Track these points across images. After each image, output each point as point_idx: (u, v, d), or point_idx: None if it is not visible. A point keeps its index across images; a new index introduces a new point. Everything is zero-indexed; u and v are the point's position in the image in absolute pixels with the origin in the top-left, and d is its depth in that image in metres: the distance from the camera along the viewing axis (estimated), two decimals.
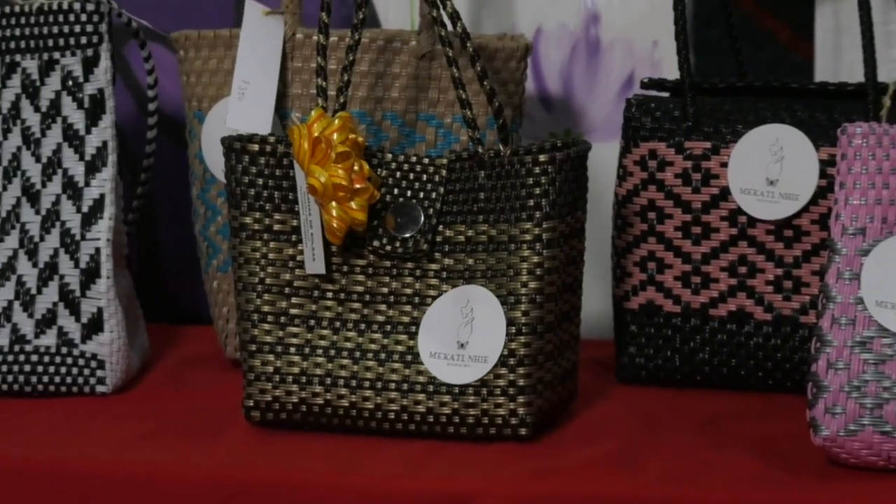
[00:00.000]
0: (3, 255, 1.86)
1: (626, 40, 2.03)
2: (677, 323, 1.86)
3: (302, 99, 1.83)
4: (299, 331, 1.71)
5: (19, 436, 1.73)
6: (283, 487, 1.57)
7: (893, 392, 1.55)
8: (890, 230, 1.58)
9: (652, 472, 1.58)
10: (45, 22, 1.84)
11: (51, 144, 1.85)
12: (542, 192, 1.65)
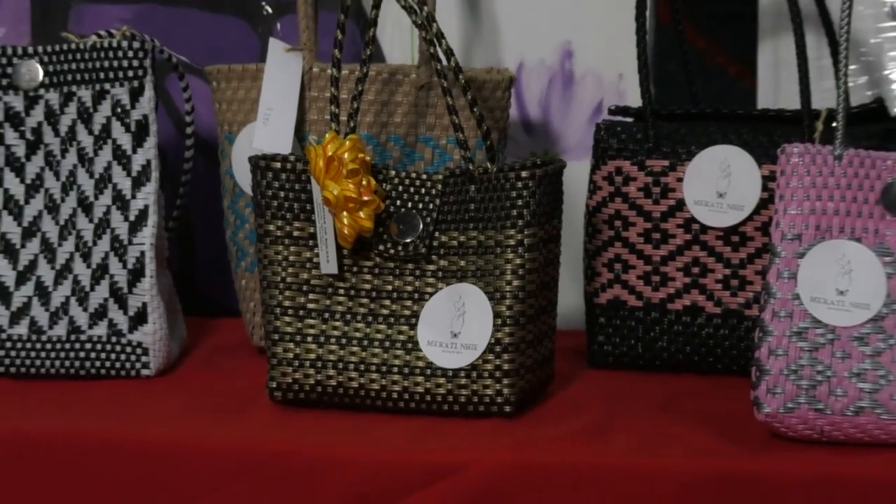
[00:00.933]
0: (62, 258, 1.84)
1: (595, 73, 2.01)
2: (640, 316, 1.85)
3: (318, 124, 1.81)
4: (315, 323, 1.70)
5: (76, 413, 1.71)
6: (301, 457, 1.57)
7: (826, 375, 1.55)
8: (822, 236, 1.58)
9: (618, 443, 1.59)
10: (98, 57, 1.83)
11: (102, 163, 1.84)
12: (523, 203, 1.65)
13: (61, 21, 2.11)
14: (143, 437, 1.62)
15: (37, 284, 1.84)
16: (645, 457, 1.54)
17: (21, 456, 1.61)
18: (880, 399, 1.53)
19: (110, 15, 2.10)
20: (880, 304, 1.55)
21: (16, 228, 1.86)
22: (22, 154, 1.86)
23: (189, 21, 2.10)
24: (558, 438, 1.60)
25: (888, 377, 1.54)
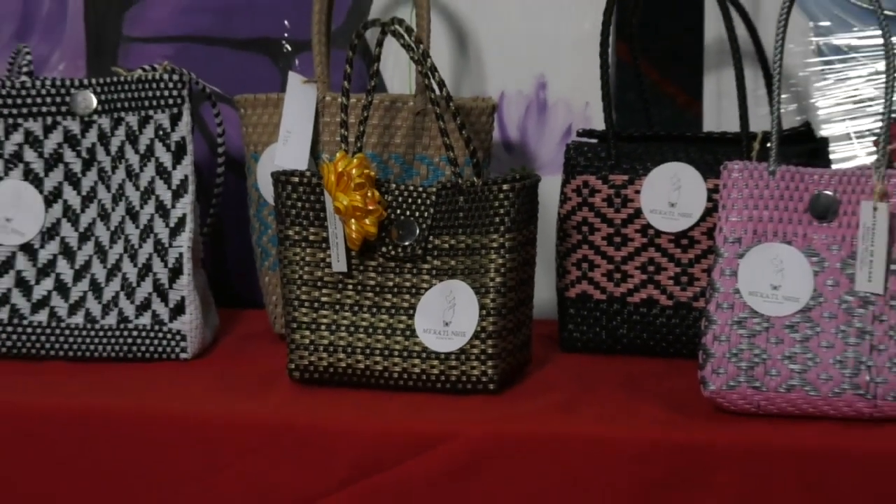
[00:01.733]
0: (112, 258, 1.84)
1: (565, 102, 2.01)
2: (603, 307, 1.84)
3: (330, 144, 1.81)
4: (328, 314, 1.69)
5: (123, 391, 1.71)
6: (316, 428, 1.57)
7: (762, 358, 1.55)
8: (759, 239, 1.58)
9: (586, 415, 1.59)
10: (143, 88, 1.83)
11: (147, 177, 1.83)
12: (504, 211, 1.65)
13: (112, 57, 2.11)
14: (180, 412, 1.62)
15: (91, 281, 1.84)
16: (608, 427, 1.54)
17: (77, 426, 1.61)
18: (808, 378, 1.53)
19: (153, 52, 2.10)
20: (808, 298, 1.55)
21: (73, 233, 1.85)
22: (78, 170, 1.86)
23: (220, 57, 2.09)
24: (534, 412, 1.60)
25: (815, 360, 1.54)
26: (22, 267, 1.85)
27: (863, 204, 1.55)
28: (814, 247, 1.57)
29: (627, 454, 1.50)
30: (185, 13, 2.10)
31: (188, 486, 1.58)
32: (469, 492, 1.52)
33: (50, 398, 1.67)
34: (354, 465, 1.54)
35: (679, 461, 1.49)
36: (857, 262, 1.55)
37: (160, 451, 1.59)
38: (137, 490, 1.59)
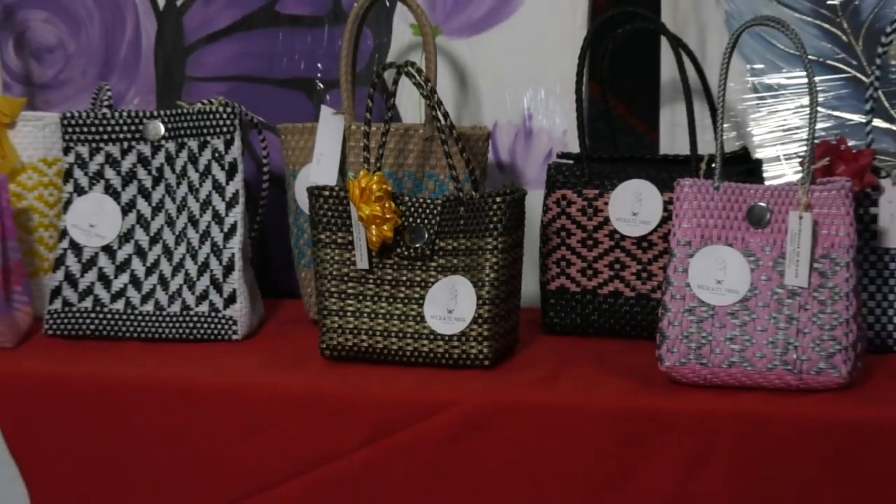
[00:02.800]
0: (177, 258, 1.84)
1: (547, 130, 2.01)
2: (578, 298, 1.83)
3: (354, 164, 1.81)
4: (353, 303, 1.69)
5: (186, 366, 1.71)
6: (343, 396, 1.58)
7: (708, 339, 1.55)
8: (706, 242, 1.58)
9: (564, 386, 1.59)
10: (202, 118, 1.83)
11: (205, 192, 1.83)
12: (497, 219, 1.65)
13: (177, 93, 2.11)
14: (231, 384, 1.62)
15: (159, 276, 1.83)
16: (582, 396, 1.54)
17: (149, 393, 1.61)
18: (746, 356, 1.53)
19: (210, 89, 2.10)
20: (746, 290, 1.55)
21: (145, 237, 1.85)
22: (149, 186, 1.85)
23: (265, 93, 2.09)
24: (522, 384, 1.59)
25: (752, 341, 1.54)
26: (103, 264, 1.84)
27: (791, 214, 1.56)
28: (751, 248, 1.57)
29: (597, 418, 1.50)
30: (235, 58, 2.10)
31: (238, 443, 1.58)
32: (468, 449, 1.52)
33: (127, 371, 1.67)
34: (374, 427, 1.54)
35: (640, 424, 1.49)
36: (786, 261, 1.55)
37: (215, 414, 1.59)
38: (197, 445, 1.59)
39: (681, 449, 1.48)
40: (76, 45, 2.15)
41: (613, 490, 1.49)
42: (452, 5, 2.02)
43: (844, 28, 1.92)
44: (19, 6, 2.14)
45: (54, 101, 2.15)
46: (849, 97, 1.91)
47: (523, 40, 1.99)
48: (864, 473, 1.45)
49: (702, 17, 1.96)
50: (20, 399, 1.64)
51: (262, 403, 1.58)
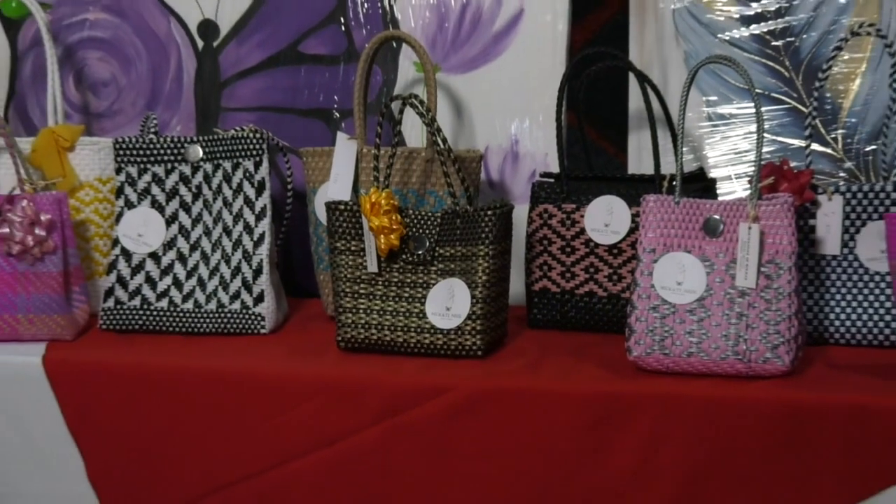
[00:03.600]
0: (213, 263, 1.83)
1: (531, 153, 2.00)
2: (558, 297, 1.83)
3: (366, 183, 1.81)
4: (364, 302, 1.69)
5: (221, 356, 1.70)
6: (355, 382, 1.57)
7: (669, 333, 1.55)
8: (668, 249, 1.58)
9: (546, 373, 1.58)
10: (235, 143, 1.83)
11: (237, 206, 1.83)
12: (488, 230, 1.64)
13: (214, 121, 2.11)
14: (260, 370, 1.62)
15: (198, 279, 1.83)
16: (561, 382, 1.54)
17: (189, 379, 1.61)
18: (703, 347, 1.53)
19: (242, 118, 2.10)
20: (702, 290, 1.55)
21: (185, 245, 1.84)
22: (189, 201, 1.85)
23: (289, 121, 2.09)
24: (510, 371, 1.59)
25: (707, 334, 1.54)
26: (149, 269, 1.84)
27: (741, 225, 1.56)
28: (706, 255, 1.57)
29: (574, 400, 1.50)
30: (263, 91, 2.10)
31: (266, 422, 1.58)
32: (464, 427, 1.52)
33: (170, 360, 1.67)
34: (382, 408, 1.54)
35: (610, 406, 1.49)
36: (737, 266, 1.55)
37: (245, 397, 1.59)
38: (230, 423, 1.59)
39: (646, 427, 1.48)
40: (127, 81, 2.15)
41: (588, 462, 1.49)
42: (450, 46, 2.02)
43: (786, 66, 1.92)
44: (78, 46, 2.14)
45: (108, 128, 2.15)
46: (790, 125, 1.91)
47: (511, 76, 1.99)
48: (803, 448, 1.45)
49: (664, 56, 1.96)
50: (78, 384, 1.64)
51: (286, 388, 1.58)
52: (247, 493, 1.58)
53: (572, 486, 1.50)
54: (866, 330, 1.69)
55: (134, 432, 1.62)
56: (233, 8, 2.09)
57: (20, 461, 1.64)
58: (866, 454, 1.43)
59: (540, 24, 1.98)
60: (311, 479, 1.56)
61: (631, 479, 1.48)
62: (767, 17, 1.92)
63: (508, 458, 1.51)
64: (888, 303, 1.68)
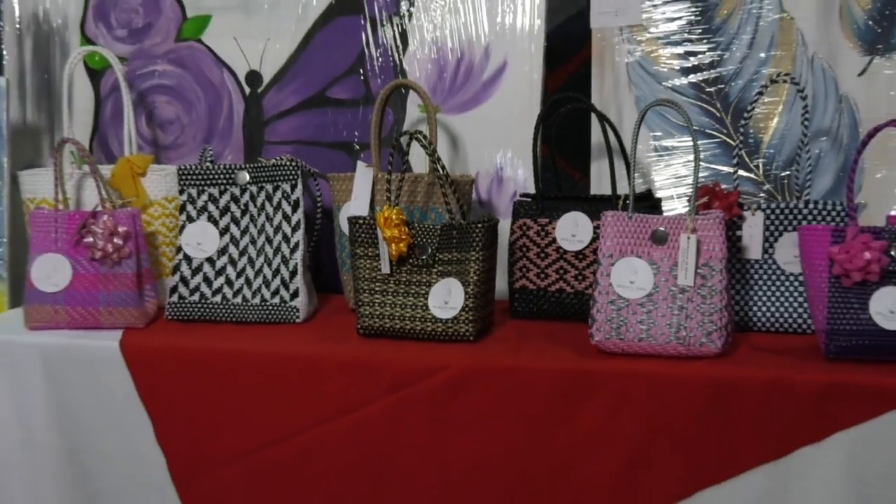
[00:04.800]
0: (258, 265, 1.82)
1: (513, 178, 2.00)
2: (534, 293, 1.82)
3: (380, 201, 1.80)
4: (379, 297, 1.68)
5: (264, 340, 1.69)
6: (371, 360, 1.57)
7: (624, 322, 1.55)
8: (623, 255, 1.58)
9: (524, 354, 1.57)
10: (275, 169, 1.82)
11: (277, 220, 1.82)
12: (479, 239, 1.64)
13: (258, 152, 2.11)
14: (295, 352, 1.61)
15: (245, 279, 1.82)
16: (536, 361, 1.53)
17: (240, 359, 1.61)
18: (651, 334, 1.53)
19: (281, 150, 2.09)
20: (650, 288, 1.55)
21: (235, 251, 1.83)
22: (238, 216, 1.84)
23: (318, 152, 2.09)
24: (495, 353, 1.58)
25: (655, 323, 1.53)
26: (206, 270, 1.83)
27: (682, 235, 1.55)
28: (654, 259, 1.56)
29: (546, 375, 1.50)
30: (298, 128, 2.09)
31: (299, 394, 1.57)
32: (458, 398, 1.52)
33: (222, 344, 1.66)
34: (393, 382, 1.54)
35: (576, 380, 1.49)
36: (679, 268, 1.55)
37: (283, 373, 1.59)
38: (270, 394, 1.59)
39: (604, 398, 1.47)
40: (188, 119, 2.14)
41: (559, 425, 1.49)
42: (448, 92, 2.02)
43: (718, 107, 1.92)
44: (149, 92, 2.14)
45: (173, 157, 2.15)
46: (721, 155, 1.91)
47: (496, 116, 1.99)
48: (731, 415, 1.44)
49: (619, 100, 1.96)
50: (148, 363, 1.63)
51: (316, 366, 1.57)
52: (285, 451, 1.58)
53: (545, 444, 1.50)
54: (783, 320, 1.69)
55: (193, 402, 1.61)
56: (273, 61, 2.09)
57: (102, 427, 1.64)
58: (782, 420, 1.43)
59: (520, 75, 1.98)
60: (336, 439, 1.56)
61: (592, 439, 1.48)
62: (702, 68, 1.92)
63: (494, 423, 1.51)
64: (801, 298, 1.68)
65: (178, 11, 2.13)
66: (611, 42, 1.95)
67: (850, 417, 1.41)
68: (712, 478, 1.45)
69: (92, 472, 1.64)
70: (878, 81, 1.85)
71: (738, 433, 1.44)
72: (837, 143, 1.87)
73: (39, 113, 2.17)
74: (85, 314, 1.72)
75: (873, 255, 1.47)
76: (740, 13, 1.90)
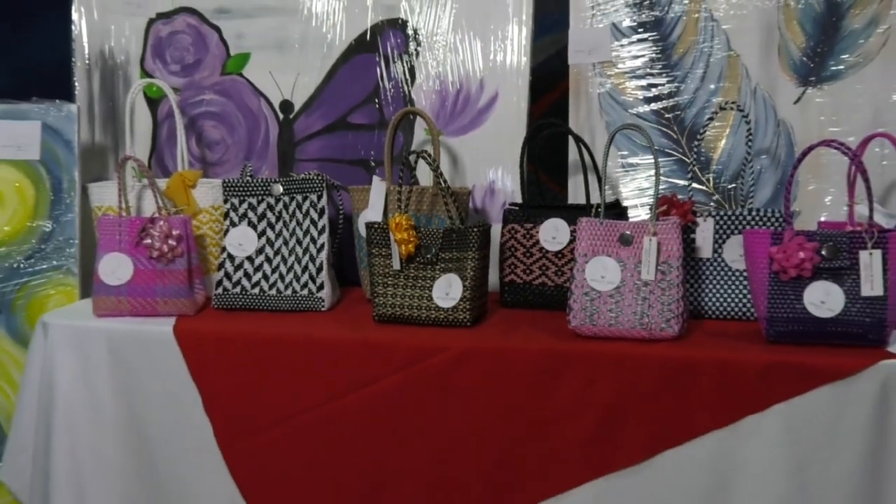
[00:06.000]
0: (289, 262, 1.81)
1: (504, 190, 1.99)
2: (521, 286, 1.80)
3: (392, 209, 1.80)
4: (391, 289, 1.67)
5: (295, 325, 1.68)
6: (386, 342, 1.56)
7: (596, 310, 1.53)
8: (595, 254, 1.57)
9: (513, 337, 1.57)
10: (304, 182, 1.81)
11: (306, 225, 1.81)
12: (474, 241, 1.64)
13: (290, 168, 2.10)
14: (321, 335, 1.60)
15: (279, 274, 1.81)
16: (523, 343, 1.53)
17: (273, 341, 1.60)
18: (619, 320, 1.53)
19: (309, 166, 2.09)
20: (618, 282, 1.55)
21: (271, 251, 1.82)
22: (273, 221, 1.83)
23: (341, 168, 2.08)
24: (489, 336, 1.58)
25: (622, 311, 1.53)
26: (246, 267, 1.82)
27: (644, 238, 1.55)
28: (621, 258, 1.56)
29: (531, 355, 1.50)
30: (323, 148, 2.09)
31: (325, 370, 1.57)
32: (458, 373, 1.51)
33: (261, 328, 1.65)
34: (404, 360, 1.54)
35: (557, 359, 1.49)
36: (642, 265, 1.55)
37: (310, 353, 1.58)
38: (301, 371, 1.58)
39: (581, 373, 1.47)
40: (231, 141, 2.14)
41: (541, 396, 1.49)
42: (449, 118, 2.01)
43: (675, 130, 1.92)
44: (198, 117, 2.14)
45: (219, 172, 2.14)
46: (678, 170, 1.91)
47: (489, 138, 1.99)
48: (686, 389, 1.44)
49: (592, 124, 1.96)
50: (197, 345, 1.63)
51: (338, 347, 1.57)
52: (313, 418, 1.58)
53: (530, 411, 1.50)
54: (730, 309, 1.69)
55: (235, 377, 1.61)
56: (303, 92, 2.09)
57: (157, 399, 1.64)
58: (730, 393, 1.43)
59: (509, 103, 1.98)
60: (355, 409, 1.56)
61: (568, 409, 1.48)
62: (662, 97, 1.92)
63: (487, 394, 1.51)
64: (745, 290, 1.68)
65: (222, 50, 2.13)
66: (585, 76, 1.96)
67: (787, 391, 1.41)
68: (672, 441, 1.45)
69: (149, 437, 1.64)
70: (810, 108, 1.85)
71: (692, 404, 1.44)
72: (776, 161, 1.87)
73: (106, 134, 2.17)
74: (144, 304, 1.72)
75: (806, 254, 1.47)
76: (694, 51, 1.90)
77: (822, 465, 1.40)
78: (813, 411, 1.40)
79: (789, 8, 1.86)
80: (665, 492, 1.45)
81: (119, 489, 1.64)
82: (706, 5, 1.90)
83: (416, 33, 2.02)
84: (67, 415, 1.64)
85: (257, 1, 2.09)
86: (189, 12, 2.13)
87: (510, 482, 1.50)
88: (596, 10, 1.94)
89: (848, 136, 1.81)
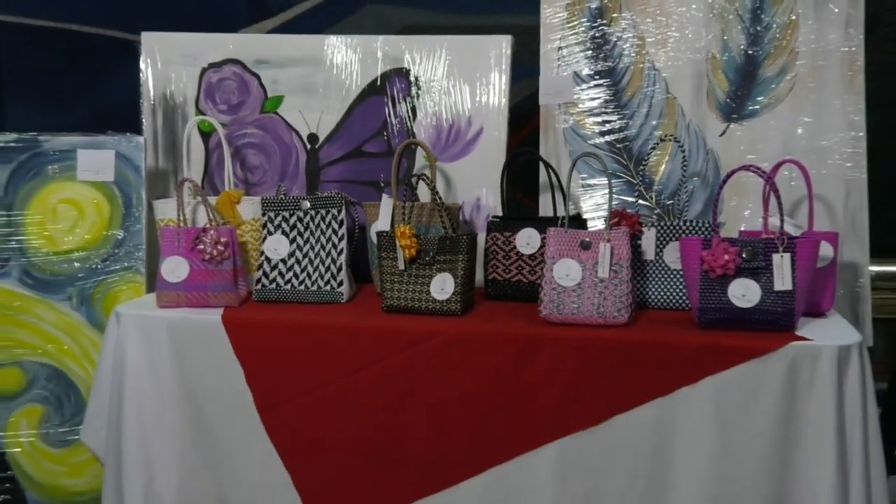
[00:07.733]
0: (315, 263, 1.80)
1: (487, 206, 1.98)
2: (501, 283, 1.79)
3: (397, 221, 1.78)
4: (397, 285, 1.67)
5: (323, 314, 1.67)
6: (393, 328, 1.55)
7: (563, 301, 1.53)
8: (561, 257, 1.56)
9: (495, 324, 1.56)
10: (327, 199, 1.80)
11: (328, 234, 1.80)
12: (464, 246, 1.63)
13: (315, 188, 2.09)
14: (341, 322, 1.59)
15: (307, 273, 1.80)
16: (503, 328, 1.52)
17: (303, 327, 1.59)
18: (581, 310, 1.52)
19: (331, 186, 2.07)
20: (580, 279, 1.54)
21: (300, 255, 1.81)
22: (302, 231, 1.82)
23: (357, 188, 2.06)
24: (475, 322, 1.57)
25: (583, 303, 1.52)
26: (280, 267, 1.81)
27: (601, 244, 1.55)
28: (582, 260, 1.55)
29: (508, 339, 1.49)
30: (342, 172, 2.08)
31: (343, 351, 1.56)
32: (451, 353, 1.51)
33: (294, 316, 1.63)
34: (408, 341, 1.53)
35: (528, 342, 1.48)
36: (599, 266, 1.54)
37: (332, 336, 1.57)
38: (324, 352, 1.57)
39: (550, 353, 1.47)
40: (269, 165, 2.13)
41: (518, 371, 1.48)
42: (443, 147, 2.01)
43: (624, 157, 1.92)
44: (241, 147, 2.13)
45: (258, 192, 2.13)
46: (627, 190, 1.91)
47: (476, 164, 1.98)
48: (633, 366, 1.44)
49: (558, 153, 1.95)
50: (241, 329, 1.62)
51: (355, 331, 1.56)
52: (334, 389, 1.57)
53: (509, 384, 1.49)
54: (669, 300, 1.68)
55: (273, 355, 1.60)
56: (326, 127, 2.08)
57: (208, 373, 1.63)
58: (669, 368, 1.43)
59: (492, 136, 1.97)
60: (368, 382, 1.55)
61: (538, 383, 1.48)
62: (614, 131, 1.92)
63: (473, 371, 1.50)
64: (681, 286, 1.68)
65: (261, 93, 2.12)
66: (553, 114, 1.95)
67: (715, 367, 1.41)
68: (622, 407, 1.45)
69: (201, 405, 1.63)
70: (733, 140, 1.85)
71: (638, 377, 1.44)
72: (705, 182, 1.87)
73: (167, 161, 2.16)
74: (198, 297, 1.71)
75: (730, 256, 1.47)
76: (640, 94, 1.91)
77: (743, 426, 1.41)
78: (736, 383, 1.41)
79: (716, 60, 1.87)
80: (616, 449, 1.45)
81: (177, 447, 1.64)
82: (649, 57, 1.90)
83: (417, 80, 2.02)
84: (135, 387, 1.63)
85: (289, 53, 2.09)
86: (234, 63, 2.13)
87: (491, 439, 1.50)
88: (561, 62, 1.94)
89: (763, 161, 1.81)
